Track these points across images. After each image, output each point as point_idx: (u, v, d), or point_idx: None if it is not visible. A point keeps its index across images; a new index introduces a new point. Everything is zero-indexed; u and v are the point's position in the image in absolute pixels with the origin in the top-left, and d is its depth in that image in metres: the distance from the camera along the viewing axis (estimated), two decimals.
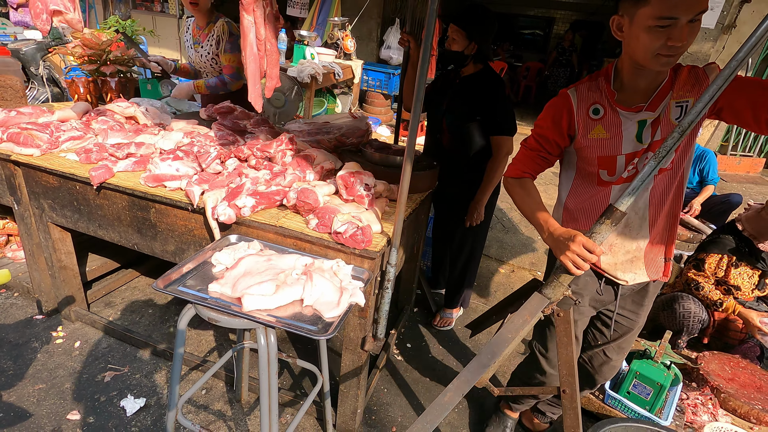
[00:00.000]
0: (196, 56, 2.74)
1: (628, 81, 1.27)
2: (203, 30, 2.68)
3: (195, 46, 2.72)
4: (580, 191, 1.45)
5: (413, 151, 1.44)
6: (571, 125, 1.36)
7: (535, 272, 3.59)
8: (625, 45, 1.21)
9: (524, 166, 1.47)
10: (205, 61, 2.73)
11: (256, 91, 1.51)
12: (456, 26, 2.13)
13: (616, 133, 1.30)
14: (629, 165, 1.31)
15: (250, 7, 1.37)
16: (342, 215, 1.57)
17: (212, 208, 1.64)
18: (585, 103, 1.34)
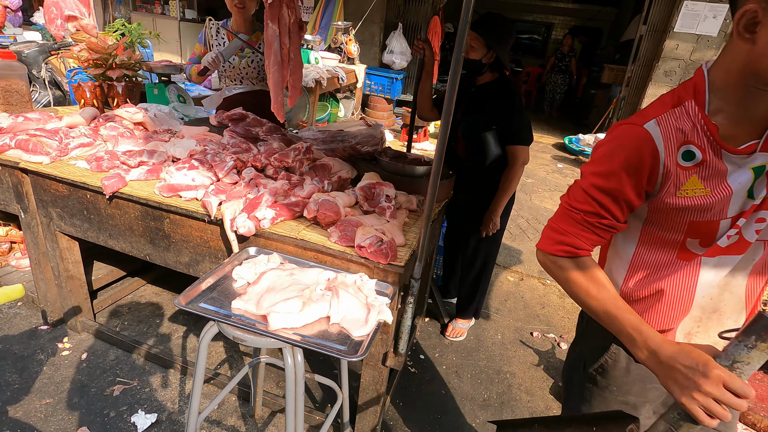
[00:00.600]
0: (242, 62, 2.65)
1: (736, 106, 0.84)
2: (247, 38, 2.61)
3: (237, 52, 2.63)
4: (647, 267, 1.01)
5: (441, 162, 1.41)
6: (652, 178, 0.90)
7: (544, 281, 3.56)
8: (748, 51, 0.78)
9: (576, 239, 0.99)
10: (253, 68, 2.68)
11: (278, 102, 1.47)
12: (474, 33, 2.11)
13: (720, 187, 0.87)
14: (732, 229, 0.89)
15: (275, 15, 1.34)
16: (365, 228, 1.53)
17: (231, 220, 1.59)
18: (672, 142, 0.88)
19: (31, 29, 6.40)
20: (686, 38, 5.91)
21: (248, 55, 2.64)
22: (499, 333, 2.85)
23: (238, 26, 2.59)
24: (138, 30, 3.35)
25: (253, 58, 2.65)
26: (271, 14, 1.30)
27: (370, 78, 7.10)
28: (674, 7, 5.91)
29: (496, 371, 2.51)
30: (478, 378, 2.43)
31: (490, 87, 2.23)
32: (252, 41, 2.63)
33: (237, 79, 2.73)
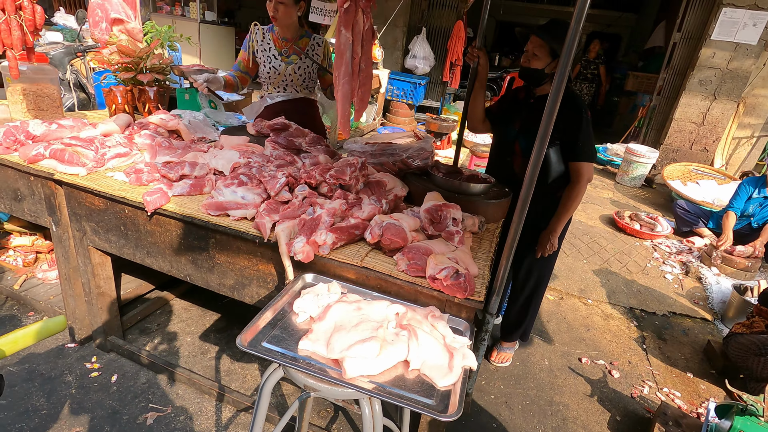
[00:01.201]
0: (288, 68, 2.57)
1: None
2: (292, 43, 2.54)
3: (282, 57, 2.57)
4: None
5: (533, 186, 1.26)
6: None
7: (585, 300, 3.38)
8: None
9: None
10: (299, 75, 2.60)
11: (346, 116, 1.33)
12: (540, 41, 1.95)
13: None
14: None
15: (350, 22, 1.20)
16: (438, 257, 1.38)
17: (287, 243, 1.45)
18: None
19: (52, 29, 6.36)
20: (724, 46, 5.70)
21: (294, 62, 2.52)
22: (546, 358, 2.68)
23: (284, 32, 2.50)
24: (168, 32, 3.24)
25: (300, 64, 2.55)
26: (346, 20, 1.16)
27: (393, 83, 6.97)
28: (711, 14, 5.71)
29: (548, 402, 2.34)
30: (529, 410, 2.27)
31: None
32: (298, 48, 2.54)
33: (281, 86, 2.63)
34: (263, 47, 2.55)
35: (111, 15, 1.45)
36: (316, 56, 2.57)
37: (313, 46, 2.57)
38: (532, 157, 1.22)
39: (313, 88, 2.72)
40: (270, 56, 2.56)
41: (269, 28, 2.57)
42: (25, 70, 2.21)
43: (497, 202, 1.94)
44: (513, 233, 1.30)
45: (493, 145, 2.38)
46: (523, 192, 1.26)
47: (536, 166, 1.24)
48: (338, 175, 1.67)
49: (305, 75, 2.59)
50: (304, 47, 2.54)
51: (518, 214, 1.28)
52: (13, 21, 1.60)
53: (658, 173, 6.24)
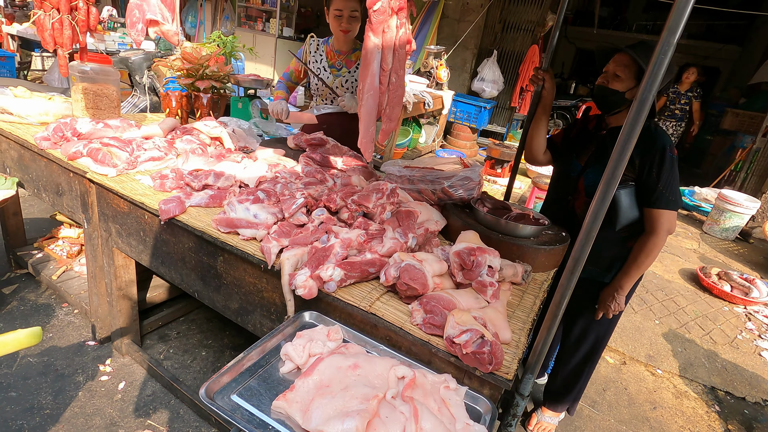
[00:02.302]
0: (337, 80, 2.51)
1: None
2: (346, 56, 2.47)
3: (332, 70, 2.50)
4: None
5: (594, 231, 0.98)
6: None
7: (653, 369, 2.86)
8: None
9: None
10: (346, 88, 2.52)
11: (368, 135, 1.14)
12: (627, 59, 1.65)
13: None
14: None
15: (380, 26, 1.01)
16: (460, 314, 1.12)
17: (290, 275, 1.27)
18: None
19: (148, 39, 6.97)
20: None
21: (344, 74, 2.44)
22: None
23: (339, 45, 2.43)
24: (232, 42, 3.31)
25: (347, 77, 2.46)
26: (376, 24, 0.98)
27: (457, 105, 6.75)
28: None
29: None
30: None
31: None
32: (350, 61, 2.45)
33: (329, 98, 2.55)
34: (315, 58, 2.50)
35: (147, 16, 1.38)
36: None
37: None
38: (596, 196, 0.94)
39: None
40: (320, 68, 2.50)
41: (324, 40, 2.51)
42: (88, 71, 2.29)
43: (550, 248, 1.63)
44: (563, 288, 1.02)
45: (553, 181, 2.07)
46: (581, 237, 0.98)
47: (601, 207, 0.96)
48: (361, 200, 1.47)
49: (352, 89, 2.48)
50: (356, 61, 2.44)
51: (572, 263, 0.99)
52: (65, 20, 1.62)
53: (758, 226, 5.37)
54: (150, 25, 1.45)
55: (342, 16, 2.25)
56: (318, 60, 2.50)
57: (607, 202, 0.94)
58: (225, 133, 2.31)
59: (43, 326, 2.30)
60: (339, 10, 2.22)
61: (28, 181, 2.26)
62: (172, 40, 1.49)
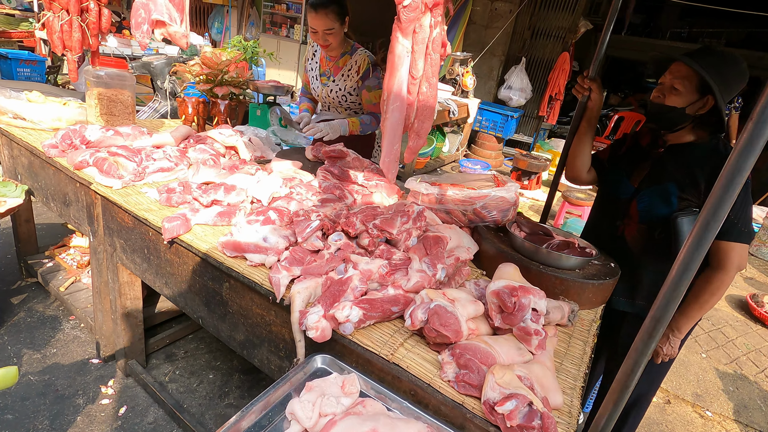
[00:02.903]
0: (323, 90, 2.38)
1: None
2: (335, 62, 2.31)
3: (322, 78, 2.37)
4: None
5: (687, 277, 0.77)
6: None
7: (702, 410, 2.57)
8: None
9: None
10: (334, 97, 2.36)
11: (392, 154, 0.97)
12: (687, 69, 1.43)
13: None
14: None
15: (411, 25, 0.84)
16: (502, 371, 0.93)
17: (301, 312, 1.10)
18: None
19: (173, 44, 7.02)
20: None
21: (329, 84, 2.31)
22: None
23: (330, 52, 2.28)
24: (253, 47, 3.21)
25: (332, 87, 2.31)
26: (406, 22, 0.80)
27: (482, 114, 6.53)
28: None
29: None
30: None
31: (693, 150, 1.52)
32: (337, 67, 2.29)
33: (325, 106, 2.46)
34: (311, 66, 2.41)
35: (153, 16, 1.25)
36: (350, 78, 2.27)
37: (351, 65, 2.27)
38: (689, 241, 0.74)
39: (360, 110, 2.42)
40: (313, 76, 2.40)
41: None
42: (102, 75, 2.21)
43: (599, 282, 1.42)
44: (637, 354, 0.81)
45: (598, 202, 1.85)
46: (666, 291, 0.77)
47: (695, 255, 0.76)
48: (384, 225, 1.29)
49: (339, 97, 2.33)
50: (342, 67, 2.28)
51: (651, 325, 0.79)
52: (74, 22, 1.52)
53: None
54: (156, 26, 1.32)
55: (317, 33, 2.11)
56: (313, 68, 2.41)
57: (703, 249, 0.74)
58: (240, 142, 2.18)
59: (48, 340, 2.21)
60: (313, 28, 2.09)
61: (38, 189, 2.17)
62: (180, 42, 1.36)
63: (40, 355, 2.10)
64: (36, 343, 2.17)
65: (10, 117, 2.17)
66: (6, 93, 2.19)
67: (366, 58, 2.24)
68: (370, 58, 2.25)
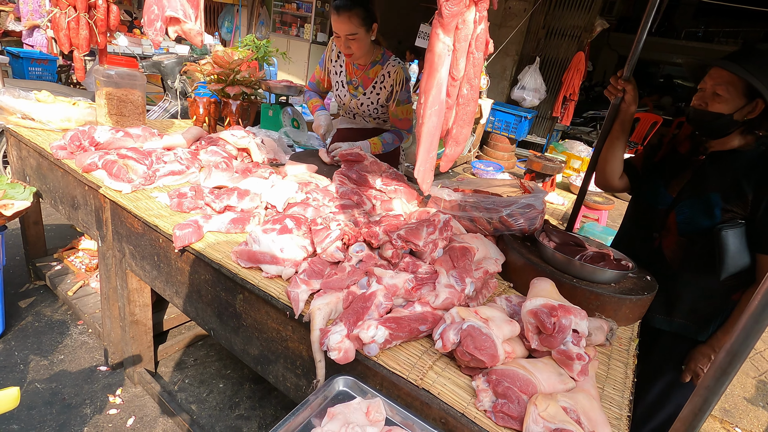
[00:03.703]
0: (352, 101, 2.20)
1: None
2: (364, 71, 2.12)
3: (349, 87, 2.18)
4: None
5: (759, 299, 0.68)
6: None
7: (731, 427, 2.46)
8: None
9: None
10: (365, 110, 2.19)
11: (428, 162, 0.88)
12: (729, 75, 1.33)
13: None
14: None
15: (454, 21, 0.75)
16: (545, 404, 0.84)
17: (322, 330, 1.03)
18: None
19: (184, 43, 6.98)
20: None
21: (359, 96, 2.15)
22: None
23: (357, 59, 2.10)
24: (265, 47, 3.14)
25: (363, 100, 2.15)
26: (448, 17, 0.72)
27: (495, 114, 6.42)
28: None
29: None
30: None
31: (739, 158, 1.41)
32: (368, 78, 2.11)
33: (349, 114, 2.29)
34: (336, 69, 2.21)
35: (167, 13, 1.18)
36: (383, 91, 2.11)
37: (383, 77, 2.09)
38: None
39: (387, 119, 2.27)
40: (338, 82, 2.21)
41: None
42: (112, 75, 2.15)
43: (637, 298, 1.32)
44: (702, 400, 0.72)
45: (631, 212, 1.75)
46: (746, 324, 0.68)
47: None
48: (409, 236, 1.21)
49: (371, 110, 2.18)
50: (373, 79, 2.11)
51: (727, 360, 0.70)
52: (82, 19, 1.45)
53: None
54: (170, 23, 1.25)
55: (340, 38, 1.94)
56: (338, 72, 2.21)
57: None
58: (253, 144, 2.11)
59: (55, 346, 2.15)
60: (336, 33, 1.94)
61: (46, 191, 2.12)
62: (195, 40, 1.29)
63: (47, 362, 2.05)
64: (43, 348, 2.12)
65: (19, 117, 2.12)
66: (15, 92, 2.13)
67: (400, 71, 2.07)
68: (404, 70, 2.08)
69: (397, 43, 8.99)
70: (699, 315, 1.49)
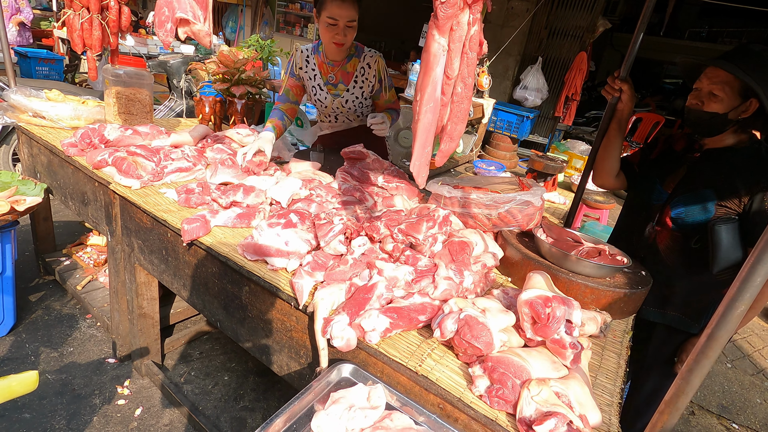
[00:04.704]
0: (334, 101, 2.14)
1: None
2: (340, 67, 2.07)
3: (328, 88, 2.12)
4: None
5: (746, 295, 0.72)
6: None
7: (728, 423, 2.49)
8: None
9: None
10: (350, 107, 2.15)
11: (424, 157, 0.92)
12: (725, 74, 1.36)
13: None
14: None
15: (448, 23, 0.80)
16: (538, 388, 0.88)
17: (325, 319, 1.07)
18: None
19: (191, 43, 7.04)
20: None
21: (341, 94, 2.11)
22: None
23: (331, 55, 2.04)
24: (270, 46, 3.19)
25: (348, 97, 2.11)
26: (443, 19, 0.76)
27: (497, 114, 6.44)
28: None
29: None
30: None
31: (733, 155, 1.45)
32: (346, 73, 2.07)
33: (331, 116, 2.24)
34: (308, 74, 2.13)
35: (177, 14, 1.23)
36: (366, 83, 2.09)
37: (363, 69, 2.07)
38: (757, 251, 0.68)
39: (369, 112, 2.26)
40: (315, 86, 2.14)
41: (313, 48, 2.10)
42: (121, 74, 2.20)
43: (631, 292, 1.36)
44: (689, 375, 0.76)
45: (628, 208, 1.78)
46: (736, 289, 0.72)
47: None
48: (410, 230, 1.25)
49: (355, 106, 2.16)
50: (353, 72, 2.08)
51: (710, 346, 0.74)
52: (95, 20, 1.50)
53: None
54: (180, 24, 1.30)
55: (337, 26, 1.86)
56: (312, 77, 2.12)
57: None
58: None
59: (65, 339, 2.21)
60: (333, 19, 1.84)
61: (56, 187, 2.18)
62: (204, 41, 1.34)
63: (57, 354, 2.10)
64: (53, 341, 2.17)
65: (30, 115, 2.17)
66: (26, 91, 2.19)
67: (379, 59, 2.06)
68: (382, 57, 2.08)
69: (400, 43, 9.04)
70: (692, 308, 1.53)
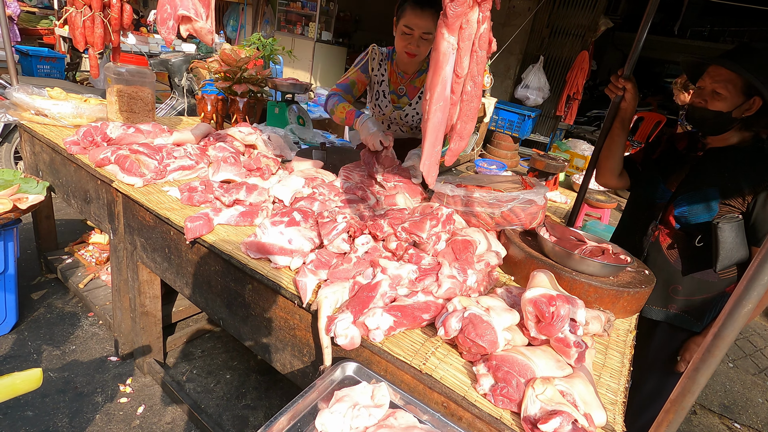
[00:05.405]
0: (395, 112, 2.08)
1: None
2: (410, 80, 2.03)
3: (392, 97, 2.06)
4: None
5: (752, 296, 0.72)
6: None
7: (730, 423, 2.49)
8: None
9: None
10: (408, 121, 2.09)
11: (434, 156, 0.92)
12: (728, 73, 1.36)
13: None
14: None
15: (458, 21, 0.79)
16: (542, 387, 0.88)
17: (328, 318, 1.07)
18: None
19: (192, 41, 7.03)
20: None
21: (403, 107, 2.07)
22: None
23: (404, 66, 2.00)
24: (272, 45, 3.19)
25: (408, 111, 2.07)
26: (453, 17, 0.76)
27: (499, 113, 6.43)
28: None
29: None
30: None
31: (736, 154, 1.45)
32: (414, 87, 2.05)
33: (385, 123, 2.18)
34: (377, 78, 2.07)
35: (179, 11, 1.23)
36: None
37: None
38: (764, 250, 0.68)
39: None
40: (380, 91, 2.07)
41: (388, 54, 2.05)
42: (123, 72, 2.20)
43: (635, 291, 1.36)
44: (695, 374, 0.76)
45: (631, 207, 1.78)
46: (743, 287, 0.72)
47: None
48: (413, 229, 1.25)
49: (414, 122, 2.11)
50: (419, 88, 2.04)
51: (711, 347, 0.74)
52: (97, 18, 1.50)
53: None
54: (182, 22, 1.29)
55: (412, 35, 1.80)
56: (380, 81, 2.06)
57: None
58: (260, 140, 2.16)
59: (67, 337, 2.21)
60: (409, 28, 1.78)
61: (59, 185, 2.17)
62: (206, 39, 1.33)
63: (59, 352, 2.11)
64: (55, 339, 2.18)
65: (32, 114, 2.17)
66: (29, 89, 2.19)
67: None
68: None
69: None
70: (695, 307, 1.53)
